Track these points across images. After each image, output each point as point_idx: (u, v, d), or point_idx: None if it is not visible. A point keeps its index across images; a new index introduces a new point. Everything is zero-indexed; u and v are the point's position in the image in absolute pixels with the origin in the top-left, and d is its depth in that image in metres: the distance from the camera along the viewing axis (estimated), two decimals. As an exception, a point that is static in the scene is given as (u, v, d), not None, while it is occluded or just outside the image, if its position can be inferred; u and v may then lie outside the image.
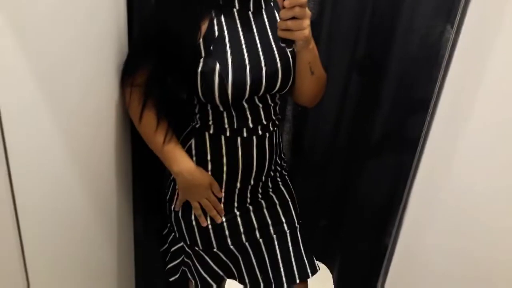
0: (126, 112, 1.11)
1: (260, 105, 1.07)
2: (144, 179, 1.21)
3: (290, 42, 0.94)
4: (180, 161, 1.08)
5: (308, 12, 0.90)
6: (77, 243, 1.00)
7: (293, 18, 0.89)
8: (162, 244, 1.28)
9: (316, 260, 1.22)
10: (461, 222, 0.96)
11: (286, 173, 1.24)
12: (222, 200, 1.12)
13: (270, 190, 1.18)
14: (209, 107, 1.06)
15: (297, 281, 1.17)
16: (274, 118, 1.11)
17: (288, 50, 1.03)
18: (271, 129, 1.11)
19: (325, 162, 1.50)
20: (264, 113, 1.08)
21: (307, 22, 0.90)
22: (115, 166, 1.12)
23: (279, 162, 1.19)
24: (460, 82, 0.88)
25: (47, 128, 0.81)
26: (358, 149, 1.42)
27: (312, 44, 0.99)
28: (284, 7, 0.88)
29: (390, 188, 1.37)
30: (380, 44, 1.27)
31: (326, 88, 1.14)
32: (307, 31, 0.91)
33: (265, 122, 1.09)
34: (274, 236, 1.17)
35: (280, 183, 1.21)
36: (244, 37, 1.01)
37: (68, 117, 0.87)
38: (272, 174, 1.16)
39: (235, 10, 1.02)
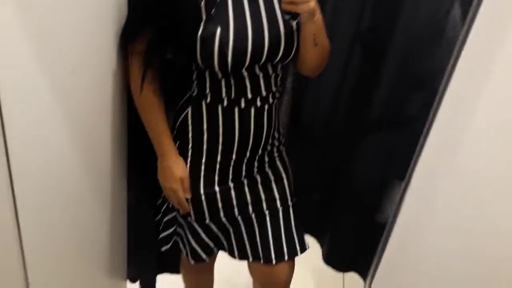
0: (123, 79, 1.08)
1: (261, 75, 1.04)
2: (138, 149, 1.20)
3: (294, 15, 0.91)
4: (163, 144, 1.08)
5: None
6: (70, 211, 0.99)
7: None
8: (156, 214, 1.28)
9: (307, 233, 1.23)
10: (462, 214, 0.96)
11: (283, 148, 1.22)
12: (216, 171, 1.10)
13: (267, 165, 1.17)
14: (206, 75, 1.03)
15: (286, 258, 1.18)
16: (274, 90, 1.08)
17: (292, 22, 0.99)
18: (270, 101, 1.08)
19: (322, 136, 1.49)
20: (264, 83, 1.05)
21: None
22: (110, 136, 1.10)
23: (276, 136, 1.16)
24: (470, 71, 0.86)
25: (43, 95, 0.79)
26: (357, 124, 1.41)
27: (318, 15, 0.96)
28: None
29: (385, 165, 1.37)
30: (385, 18, 1.24)
31: (328, 61, 1.12)
32: (312, 3, 0.89)
33: (264, 94, 1.06)
34: (267, 212, 1.16)
35: (276, 158, 1.19)
36: (248, 3, 0.98)
37: (64, 84, 0.85)
38: (269, 148, 1.14)
39: None
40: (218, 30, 0.94)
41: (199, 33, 0.95)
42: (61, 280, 1.01)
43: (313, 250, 1.67)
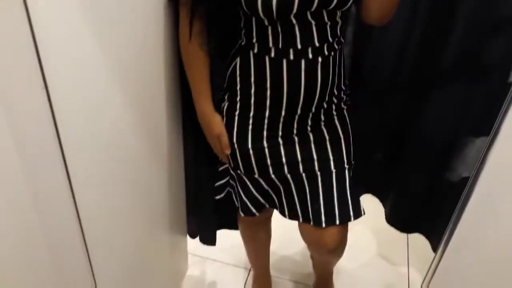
0: (174, 35, 1.05)
1: (313, 23, 0.94)
2: (192, 105, 1.18)
3: None
4: (201, 102, 1.09)
5: None
6: (126, 167, 1.00)
7: None
8: (213, 164, 1.26)
9: (369, 192, 1.15)
10: None
11: (345, 107, 1.12)
12: (265, 126, 1.05)
13: (323, 123, 1.08)
14: (253, 22, 0.96)
15: (337, 222, 1.09)
16: (331, 40, 0.97)
17: None
18: (326, 53, 0.97)
19: (386, 90, 1.38)
20: (317, 32, 0.95)
21: None
22: (164, 90, 1.09)
23: (336, 93, 1.06)
24: None
25: (94, 57, 0.78)
26: (427, 75, 1.28)
27: None
28: None
29: (458, 120, 1.25)
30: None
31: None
32: None
33: (317, 44, 0.96)
34: (319, 173, 1.09)
35: (335, 117, 1.09)
36: None
37: (116, 48, 0.84)
38: (325, 105, 1.05)
39: None
40: None
41: None
42: (120, 236, 1.04)
43: (376, 209, 1.62)
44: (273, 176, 1.11)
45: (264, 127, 1.05)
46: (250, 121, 1.06)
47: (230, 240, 1.51)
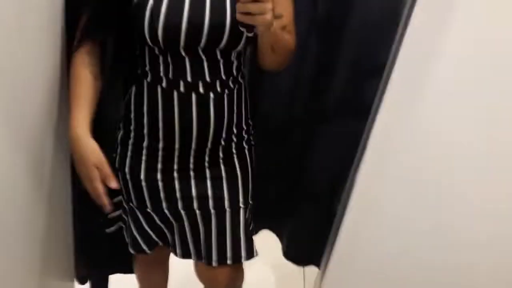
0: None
1: (204, 58, 0.96)
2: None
3: (250, 27, 0.83)
4: (73, 123, 0.95)
5: None
6: (9, 211, 0.90)
7: (254, 1, 0.78)
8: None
9: (266, 228, 1.18)
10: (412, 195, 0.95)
11: (246, 146, 1.13)
12: (160, 158, 1.03)
13: (221, 160, 1.08)
14: (146, 50, 0.97)
15: (229, 262, 1.09)
16: (224, 77, 0.99)
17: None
18: (219, 89, 0.99)
19: (279, 129, 1.46)
20: (208, 68, 0.97)
21: (269, 6, 0.80)
22: (51, 127, 1.03)
23: (235, 131, 1.07)
24: (417, 48, 0.86)
25: None
26: (314, 113, 1.38)
27: (274, 27, 0.86)
28: None
29: (342, 155, 1.35)
30: (341, 5, 1.22)
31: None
32: (269, 16, 0.80)
33: (209, 80, 0.98)
34: (213, 211, 1.08)
35: (234, 155, 1.10)
36: None
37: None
38: (223, 143, 1.05)
39: None
40: (150, 2, 0.89)
41: (134, 0, 0.90)
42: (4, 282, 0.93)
43: (273, 245, 1.66)
44: (166, 211, 1.08)
45: (159, 159, 1.04)
46: (144, 152, 1.04)
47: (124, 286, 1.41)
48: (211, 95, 0.99)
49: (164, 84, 0.97)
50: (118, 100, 1.06)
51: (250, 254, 1.11)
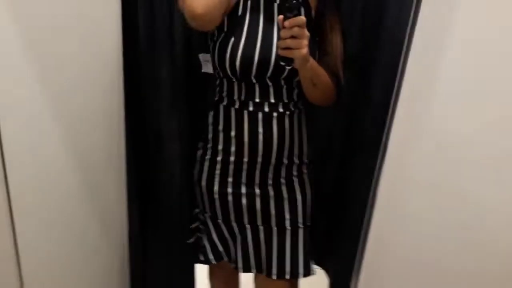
0: (120, 100, 1.17)
1: (270, 84, 1.14)
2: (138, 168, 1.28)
3: (289, 61, 1.00)
4: None
5: (306, 32, 0.97)
6: (70, 229, 1.06)
7: (292, 37, 0.96)
8: (162, 239, 1.36)
9: (317, 265, 1.26)
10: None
11: (306, 171, 1.27)
12: (230, 171, 1.20)
13: (282, 180, 1.22)
14: (224, 81, 1.17)
15: (287, 276, 1.22)
16: (286, 100, 1.17)
17: (287, 68, 1.09)
18: (281, 110, 1.17)
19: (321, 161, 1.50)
20: (274, 92, 1.16)
21: (305, 42, 0.97)
22: (109, 154, 1.18)
23: (296, 152, 1.22)
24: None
25: (41, 118, 0.87)
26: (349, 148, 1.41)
27: (311, 62, 1.06)
28: (284, 27, 0.95)
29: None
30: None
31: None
32: (305, 50, 0.98)
33: (273, 101, 1.16)
34: (274, 228, 1.22)
35: (294, 177, 1.24)
36: (263, 23, 1.13)
37: (62, 108, 0.94)
38: (285, 161, 1.20)
39: None
40: (232, 39, 1.10)
41: (219, 40, 1.13)
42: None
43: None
44: (234, 223, 1.24)
45: (230, 173, 1.20)
46: (218, 166, 1.21)
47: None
48: (274, 114, 1.16)
49: (237, 106, 1.17)
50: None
51: (308, 271, 1.24)
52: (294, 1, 0.92)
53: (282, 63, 1.01)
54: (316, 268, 1.63)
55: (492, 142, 0.90)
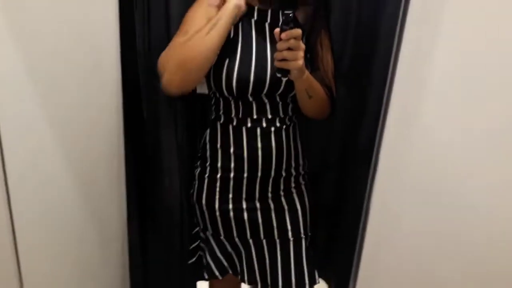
0: (119, 114, 1.19)
1: (267, 101, 1.17)
2: (137, 183, 1.29)
3: (285, 72, 1.03)
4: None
5: (302, 45, 1.00)
6: (70, 245, 1.07)
7: (289, 49, 0.99)
8: (161, 252, 1.35)
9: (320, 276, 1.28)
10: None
11: (303, 182, 1.30)
12: (231, 188, 1.21)
13: (282, 193, 1.24)
14: (221, 100, 1.19)
15: None
16: (282, 115, 1.19)
17: (283, 79, 1.12)
18: (278, 124, 1.19)
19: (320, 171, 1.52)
20: (270, 108, 1.18)
21: (301, 54, 1.01)
22: (108, 170, 1.20)
23: (293, 165, 1.25)
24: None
25: (42, 132, 0.88)
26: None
27: (306, 74, 1.08)
28: (280, 39, 0.98)
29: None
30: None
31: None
32: (301, 61, 1.01)
33: (270, 116, 1.18)
34: (277, 241, 1.24)
35: (293, 189, 1.26)
36: (256, 43, 1.16)
37: (63, 121, 0.95)
38: (284, 174, 1.22)
39: (253, 20, 1.15)
40: (226, 62, 1.13)
41: (214, 63, 1.14)
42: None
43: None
44: (236, 239, 1.24)
45: (230, 189, 1.21)
46: (218, 184, 1.22)
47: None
48: (272, 128, 1.18)
49: (234, 123, 1.18)
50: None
51: (313, 281, 1.26)
52: (291, 15, 0.96)
53: (279, 75, 1.04)
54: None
55: (481, 149, 0.93)
